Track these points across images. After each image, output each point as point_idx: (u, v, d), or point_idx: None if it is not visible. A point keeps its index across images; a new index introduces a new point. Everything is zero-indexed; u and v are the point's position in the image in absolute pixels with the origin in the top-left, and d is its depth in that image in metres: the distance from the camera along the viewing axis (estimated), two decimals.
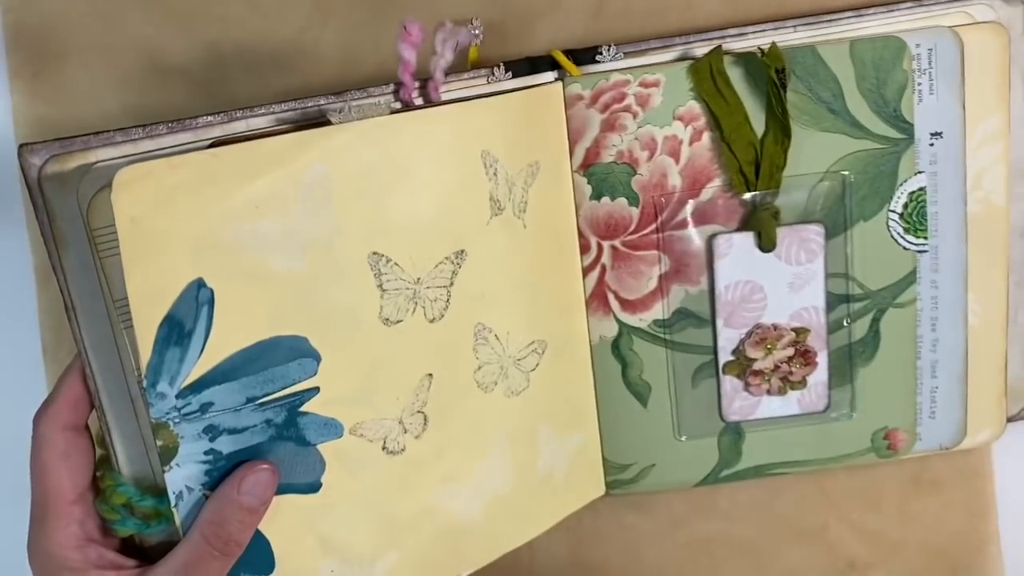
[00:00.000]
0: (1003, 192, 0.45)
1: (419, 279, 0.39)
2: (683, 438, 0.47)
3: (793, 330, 0.46)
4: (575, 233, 0.44)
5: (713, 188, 0.44)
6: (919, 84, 0.44)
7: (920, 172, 0.44)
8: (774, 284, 0.45)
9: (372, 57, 0.47)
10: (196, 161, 0.34)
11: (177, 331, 0.34)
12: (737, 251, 0.45)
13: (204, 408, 0.35)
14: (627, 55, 0.43)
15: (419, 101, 0.41)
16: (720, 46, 0.43)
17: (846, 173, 0.44)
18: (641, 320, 0.45)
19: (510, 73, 0.43)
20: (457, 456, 0.42)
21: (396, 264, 0.38)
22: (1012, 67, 0.44)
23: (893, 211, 0.44)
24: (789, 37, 0.44)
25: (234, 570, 0.36)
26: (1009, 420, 0.48)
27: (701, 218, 0.44)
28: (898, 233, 0.45)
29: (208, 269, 0.34)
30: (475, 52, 0.43)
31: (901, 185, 0.44)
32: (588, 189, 0.44)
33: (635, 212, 0.44)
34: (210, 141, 0.36)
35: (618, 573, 0.49)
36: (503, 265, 0.42)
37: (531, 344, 0.43)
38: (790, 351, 0.46)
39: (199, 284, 0.34)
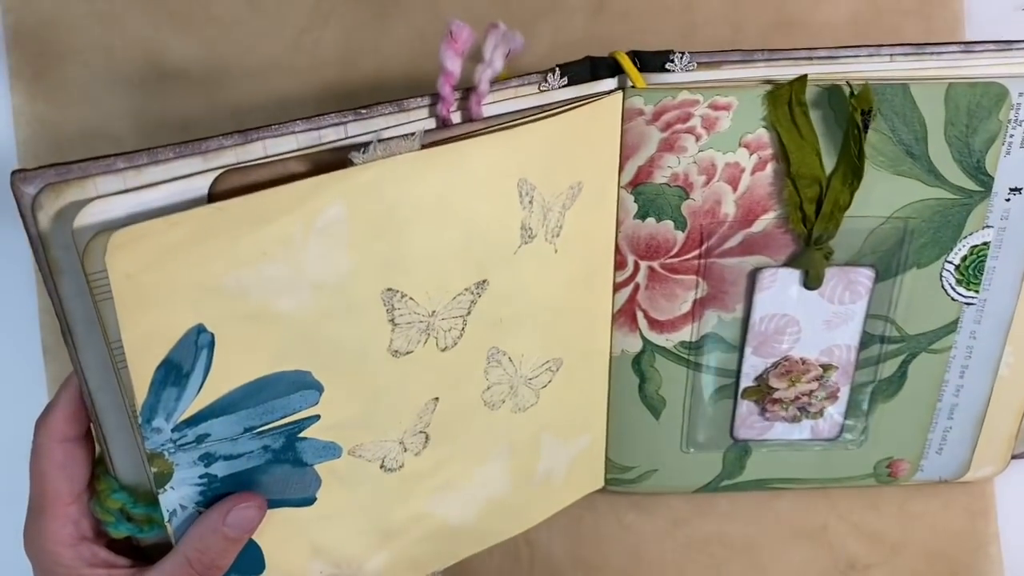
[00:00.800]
0: None
1: (434, 312, 0.37)
2: (690, 450, 0.46)
3: (821, 366, 0.44)
4: (611, 249, 0.41)
5: (767, 221, 0.41)
6: (1011, 136, 0.40)
7: (988, 227, 0.41)
8: (811, 320, 0.43)
9: (373, 58, 0.46)
10: (199, 216, 0.30)
11: (175, 373, 0.32)
12: (780, 286, 0.42)
13: (200, 439, 0.34)
14: (700, 65, 0.39)
15: (457, 117, 0.36)
16: (806, 76, 0.38)
17: (912, 219, 0.41)
18: (668, 340, 0.43)
19: (565, 79, 0.38)
20: (455, 467, 0.41)
21: (411, 299, 0.36)
22: None
23: (950, 262, 0.42)
24: (882, 67, 0.39)
25: (228, 572, 0.36)
26: (1016, 457, 0.48)
27: (748, 248, 0.41)
28: (950, 284, 0.42)
29: (209, 315, 0.32)
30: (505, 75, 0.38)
31: (965, 238, 0.41)
32: (634, 208, 0.40)
33: (680, 236, 0.41)
34: (222, 169, 0.32)
35: (618, 573, 0.50)
36: (526, 292, 0.39)
37: (545, 363, 0.42)
38: (814, 385, 0.45)
39: (199, 330, 0.32)
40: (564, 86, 0.38)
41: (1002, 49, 0.39)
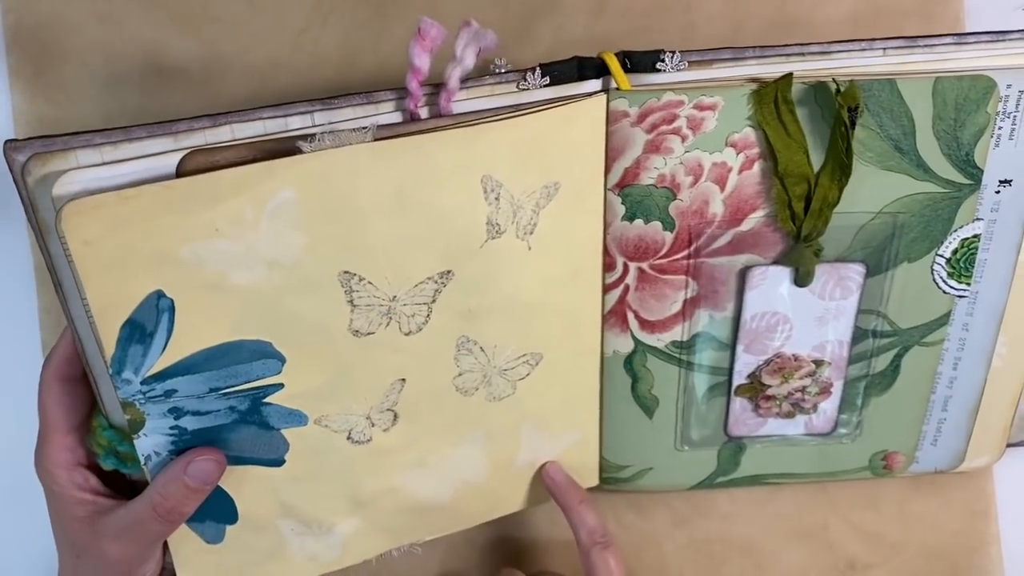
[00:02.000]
0: None
1: (395, 297, 0.38)
2: (684, 448, 0.46)
3: (813, 362, 0.44)
4: (598, 250, 0.41)
5: (756, 219, 0.40)
6: (999, 128, 0.39)
7: (978, 219, 0.41)
8: (802, 317, 0.43)
9: (372, 58, 0.46)
10: (150, 193, 0.33)
11: (139, 332, 0.35)
12: (771, 283, 0.42)
13: (168, 393, 0.37)
14: (692, 64, 0.38)
15: (425, 112, 0.36)
16: (791, 74, 0.37)
17: (902, 214, 0.40)
18: (659, 340, 0.43)
19: (547, 79, 0.37)
20: (427, 447, 0.42)
21: (370, 283, 0.37)
22: None
23: (941, 256, 0.42)
24: (876, 61, 0.39)
25: (200, 516, 0.40)
26: (1013, 445, 0.48)
27: (737, 247, 0.41)
28: (941, 277, 0.42)
29: (167, 282, 0.35)
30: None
31: (955, 231, 0.41)
32: (621, 209, 0.40)
33: (668, 237, 0.41)
34: (188, 150, 0.33)
35: None
36: (496, 286, 0.39)
37: (522, 357, 0.42)
38: (807, 381, 0.44)
39: (158, 295, 0.35)
40: (546, 86, 0.37)
41: (995, 40, 0.39)
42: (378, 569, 0.48)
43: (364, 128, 0.34)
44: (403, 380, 0.40)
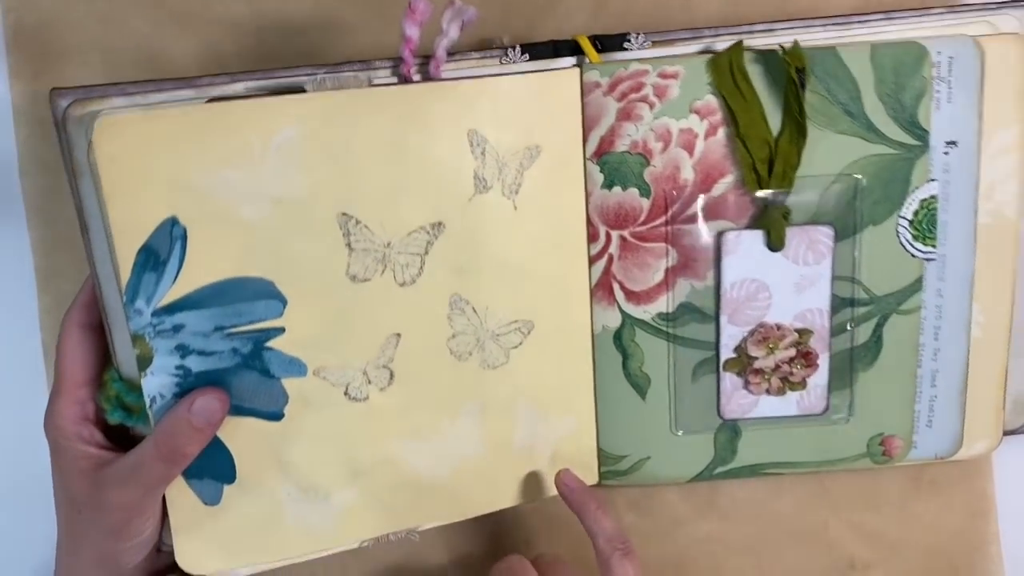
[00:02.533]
0: (1015, 204, 0.45)
1: (389, 243, 0.41)
2: (679, 432, 0.47)
3: (796, 331, 0.46)
4: (582, 220, 0.44)
5: (725, 184, 0.44)
6: (937, 92, 0.43)
7: (933, 180, 0.44)
8: (780, 284, 0.45)
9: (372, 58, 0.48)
10: (172, 115, 0.37)
11: (153, 259, 0.38)
12: (745, 249, 0.44)
13: (176, 328, 0.39)
14: (655, 44, 0.43)
15: (418, 78, 0.41)
16: (741, 41, 0.42)
17: (859, 176, 0.44)
18: (645, 312, 0.45)
19: (527, 55, 0.42)
20: (423, 414, 0.44)
21: (366, 227, 0.40)
22: None
23: (903, 217, 0.44)
24: (816, 36, 0.43)
25: (198, 472, 0.41)
26: (1011, 433, 0.48)
27: (711, 213, 0.44)
28: (907, 240, 0.45)
29: (181, 209, 0.38)
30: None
31: (913, 192, 0.44)
32: (600, 177, 0.44)
33: (646, 203, 0.44)
34: (208, 99, 0.38)
35: None
36: (486, 242, 0.42)
37: (513, 323, 0.44)
38: (792, 352, 0.46)
39: (173, 221, 0.38)
40: (525, 62, 0.42)
41: (921, 15, 0.44)
42: (385, 555, 0.47)
43: (360, 77, 0.40)
44: (399, 335, 0.42)
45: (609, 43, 0.43)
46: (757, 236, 0.44)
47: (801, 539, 0.50)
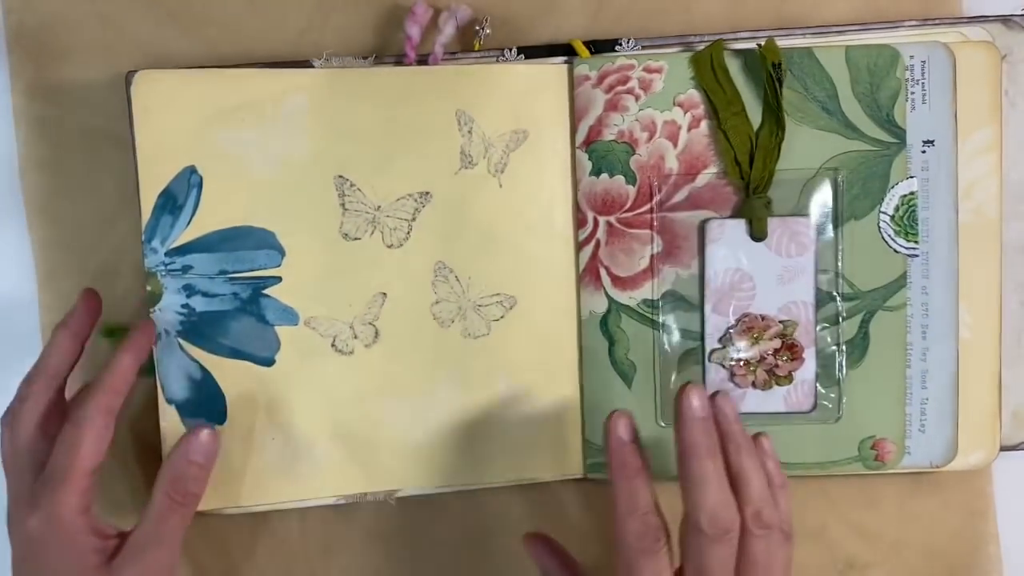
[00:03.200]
0: (995, 205, 0.46)
1: (379, 207, 0.45)
2: (663, 424, 0.47)
3: (781, 322, 0.46)
4: (568, 207, 0.46)
5: (708, 175, 0.46)
6: (912, 93, 0.46)
7: (911, 177, 0.46)
8: (764, 275, 0.46)
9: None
10: (203, 76, 0.44)
11: (171, 203, 0.44)
12: (729, 237, 0.46)
13: (185, 269, 0.44)
14: (645, 48, 0.46)
15: None
16: (720, 40, 0.45)
17: (839, 171, 0.45)
18: (631, 298, 0.46)
19: (522, 56, 0.46)
20: (405, 375, 0.46)
21: (359, 189, 0.45)
22: (1013, 89, 0.46)
23: (884, 212, 0.46)
24: (796, 43, 0.46)
25: (193, 411, 0.44)
26: (1014, 448, 0.47)
27: (695, 203, 0.46)
28: (889, 235, 0.46)
29: (200, 160, 0.44)
30: (477, 44, 0.47)
31: (892, 188, 0.46)
32: (588, 165, 0.46)
33: (632, 190, 0.46)
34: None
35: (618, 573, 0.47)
36: (471, 215, 0.46)
37: (495, 296, 0.46)
38: (777, 343, 0.46)
39: (192, 170, 0.44)
40: (520, 61, 0.46)
41: (894, 26, 0.46)
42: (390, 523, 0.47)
43: (364, 62, 0.45)
44: (384, 295, 0.45)
45: (601, 47, 0.47)
46: (740, 225, 0.46)
47: (800, 539, 0.47)
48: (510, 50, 0.46)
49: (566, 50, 0.47)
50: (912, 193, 0.46)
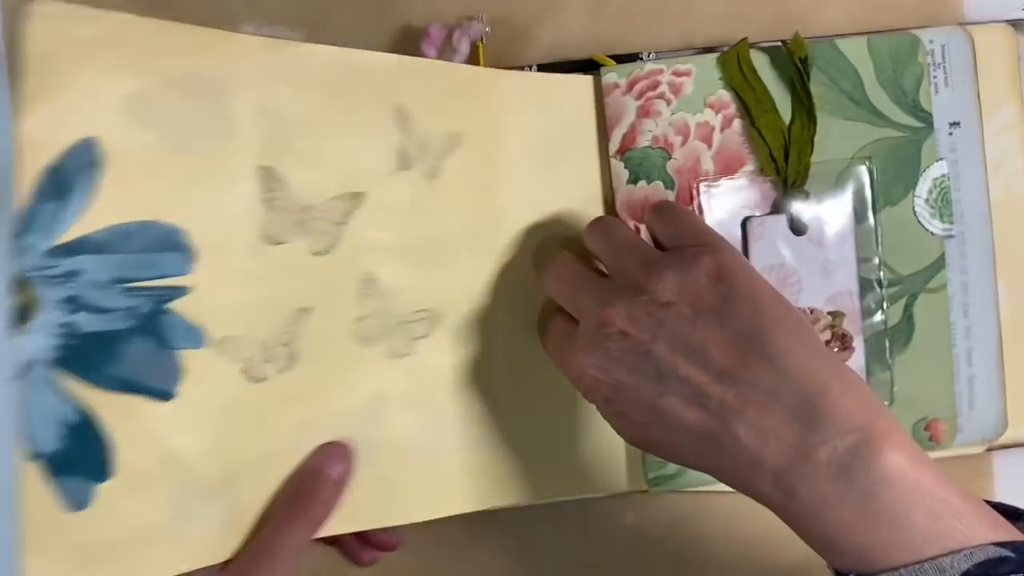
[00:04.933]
0: (1022, 179, 0.47)
1: (307, 207, 0.39)
2: None
3: (829, 314, 0.46)
4: (500, 220, 0.44)
5: (745, 173, 0.46)
6: (935, 77, 0.46)
7: (941, 159, 0.46)
8: (808, 268, 0.46)
9: None
10: (116, 19, 0.35)
11: (59, 184, 0.34)
12: (770, 234, 0.46)
13: (70, 275, 0.35)
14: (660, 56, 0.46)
15: None
16: (746, 38, 0.45)
17: (872, 159, 0.46)
18: None
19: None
20: (320, 403, 0.40)
21: (286, 184, 0.39)
22: None
23: (919, 196, 0.46)
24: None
25: (65, 467, 0.35)
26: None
27: (735, 202, 0.46)
28: (925, 218, 0.46)
29: (105, 130, 0.35)
30: (481, 49, 0.46)
31: (925, 171, 0.46)
32: (625, 174, 0.46)
33: (671, 196, 0.46)
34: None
35: (618, 573, 0.47)
36: (403, 222, 0.41)
37: (420, 312, 0.42)
38: (827, 335, 0.46)
39: (91, 143, 0.35)
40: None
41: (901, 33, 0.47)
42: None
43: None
44: (305, 310, 0.40)
45: (623, 59, 0.46)
46: (780, 220, 0.46)
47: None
48: (530, 68, 0.46)
49: (587, 66, 0.46)
50: (944, 175, 0.46)
